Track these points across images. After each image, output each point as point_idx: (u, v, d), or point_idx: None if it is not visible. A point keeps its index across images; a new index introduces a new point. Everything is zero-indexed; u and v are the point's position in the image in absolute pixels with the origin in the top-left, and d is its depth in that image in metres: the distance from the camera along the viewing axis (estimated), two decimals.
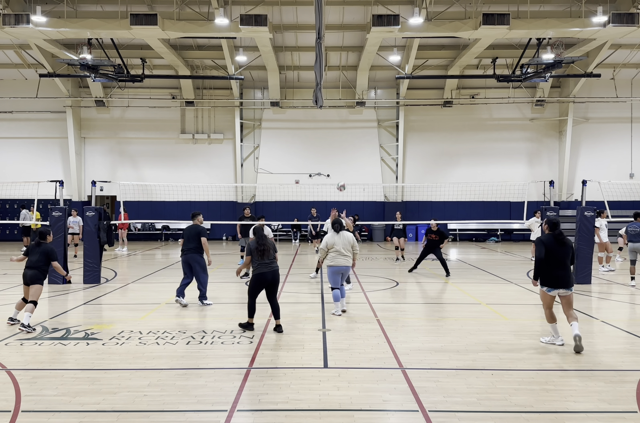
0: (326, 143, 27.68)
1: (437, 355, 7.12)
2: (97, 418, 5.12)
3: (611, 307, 10.64)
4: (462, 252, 22.27)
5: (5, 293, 11.94)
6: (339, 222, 9.85)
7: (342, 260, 9.67)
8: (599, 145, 27.57)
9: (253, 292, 8.47)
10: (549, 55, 20.40)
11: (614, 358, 7.01)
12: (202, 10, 21.18)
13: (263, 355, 7.10)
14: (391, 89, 27.79)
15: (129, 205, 23.68)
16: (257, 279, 8.36)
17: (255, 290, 8.46)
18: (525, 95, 27.25)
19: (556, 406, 5.41)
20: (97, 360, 6.92)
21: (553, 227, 7.62)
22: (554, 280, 7.45)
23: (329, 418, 5.11)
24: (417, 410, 5.31)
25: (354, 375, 6.31)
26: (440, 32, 20.22)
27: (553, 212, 13.34)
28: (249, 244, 8.53)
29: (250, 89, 27.88)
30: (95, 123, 27.88)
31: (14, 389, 5.84)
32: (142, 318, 9.34)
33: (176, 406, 5.39)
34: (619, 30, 19.43)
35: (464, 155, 27.74)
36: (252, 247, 8.42)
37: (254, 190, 27.69)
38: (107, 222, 13.74)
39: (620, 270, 16.24)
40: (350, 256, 9.76)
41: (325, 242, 9.75)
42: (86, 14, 21.51)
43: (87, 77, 22.50)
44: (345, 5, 22.34)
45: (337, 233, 9.77)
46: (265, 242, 8.39)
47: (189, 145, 27.94)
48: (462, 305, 10.51)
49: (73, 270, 14.76)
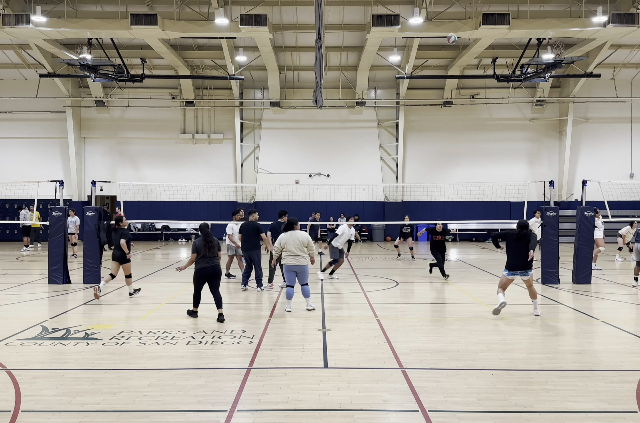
0: (326, 143, 27.68)
1: (437, 355, 7.11)
2: (97, 418, 5.11)
3: (611, 307, 10.63)
4: (462, 252, 22.27)
5: (5, 293, 11.94)
6: (291, 222, 9.97)
7: (293, 259, 9.72)
8: (599, 145, 27.58)
9: (197, 284, 9.21)
10: (549, 55, 20.40)
11: (614, 358, 7.00)
12: (202, 10, 21.19)
13: (263, 355, 7.10)
14: (391, 89, 27.79)
15: (129, 205, 23.67)
16: (199, 273, 9.08)
17: (198, 282, 9.18)
18: (525, 95, 27.26)
19: (556, 406, 5.41)
20: (97, 360, 6.92)
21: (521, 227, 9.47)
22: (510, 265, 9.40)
23: (329, 418, 5.11)
24: (417, 410, 5.31)
25: (354, 375, 6.31)
26: (440, 32, 20.20)
27: (553, 212, 13.33)
28: (194, 242, 9.16)
29: (250, 89, 27.88)
30: (95, 123, 27.89)
31: (14, 389, 5.84)
32: (142, 318, 9.34)
33: (176, 406, 5.39)
34: (619, 30, 19.43)
35: (464, 155, 27.74)
36: (198, 244, 9.06)
37: (254, 190, 27.69)
38: (107, 222, 13.73)
39: (620, 270, 16.24)
40: (303, 255, 9.77)
41: (279, 242, 9.86)
42: (86, 14, 21.52)
43: (87, 77, 22.50)
44: (345, 5, 22.35)
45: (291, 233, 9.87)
46: (211, 239, 9.10)
47: (189, 145, 27.94)
48: (462, 305, 10.51)
49: (73, 270, 14.76)
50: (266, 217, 26.83)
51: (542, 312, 9.75)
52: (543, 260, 13.40)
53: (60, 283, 12.98)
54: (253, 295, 11.84)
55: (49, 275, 13.16)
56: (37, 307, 10.50)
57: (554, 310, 10.28)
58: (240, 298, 11.55)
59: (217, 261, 9.17)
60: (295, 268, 9.77)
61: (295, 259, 9.72)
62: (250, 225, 12.25)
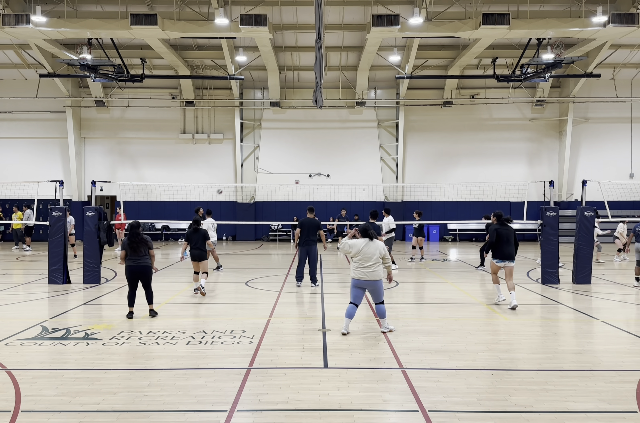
0: (326, 143, 27.68)
1: (437, 355, 7.12)
2: (97, 418, 5.12)
3: (611, 307, 10.63)
4: (462, 252, 22.27)
5: (5, 293, 11.94)
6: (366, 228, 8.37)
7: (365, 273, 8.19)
8: (599, 145, 27.57)
9: (128, 283, 9.43)
10: (549, 55, 20.39)
11: (614, 358, 7.01)
12: (202, 10, 21.19)
13: (263, 355, 7.10)
14: (391, 89, 27.79)
15: (129, 205, 23.69)
16: (127, 271, 9.37)
17: (129, 280, 9.41)
18: (525, 95, 27.25)
19: (556, 406, 5.41)
20: (97, 360, 6.92)
21: (499, 218, 10.52)
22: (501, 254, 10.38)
23: (329, 418, 5.11)
24: (417, 410, 5.31)
25: (354, 375, 6.31)
26: (440, 32, 20.22)
27: (553, 212, 13.34)
28: (123, 241, 9.47)
29: (250, 89, 27.88)
30: (95, 123, 27.88)
31: (14, 389, 5.84)
32: (142, 318, 9.34)
33: (176, 406, 5.39)
34: (619, 30, 19.43)
35: (463, 155, 27.74)
36: (125, 242, 9.35)
37: (254, 190, 27.69)
38: (106, 222, 13.73)
39: (619, 270, 16.24)
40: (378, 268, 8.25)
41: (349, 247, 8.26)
42: (86, 14, 21.51)
43: (87, 77, 22.49)
44: (345, 5, 22.34)
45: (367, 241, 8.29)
46: (136, 239, 9.31)
47: (189, 145, 27.94)
48: (462, 305, 10.51)
49: (73, 270, 14.76)
50: (266, 217, 27.02)
51: (541, 312, 9.76)
52: (543, 260, 13.40)
53: (60, 283, 12.98)
54: (253, 295, 11.85)
55: (49, 275, 13.16)
56: (37, 307, 10.50)
57: (554, 310, 10.29)
58: (241, 298, 11.56)
59: (145, 261, 9.33)
60: (366, 284, 8.19)
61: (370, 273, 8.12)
62: (311, 222, 12.66)
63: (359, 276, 8.14)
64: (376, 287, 8.21)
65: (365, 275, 8.11)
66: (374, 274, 8.13)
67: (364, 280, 8.14)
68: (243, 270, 15.87)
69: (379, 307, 8.31)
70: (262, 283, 13.29)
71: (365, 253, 8.11)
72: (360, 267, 8.12)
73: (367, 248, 8.13)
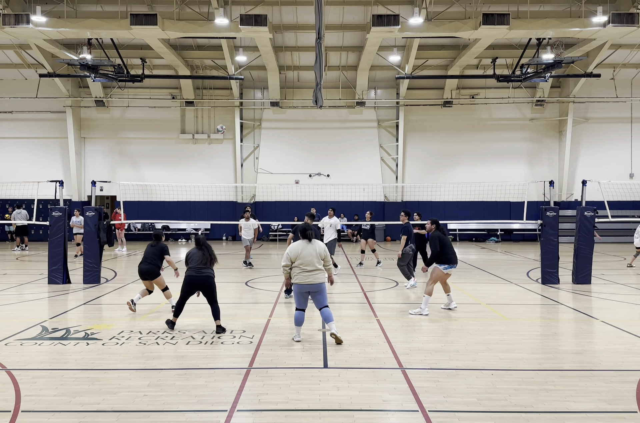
0: (326, 143, 27.68)
1: (437, 355, 7.11)
2: (97, 418, 5.11)
3: (611, 307, 10.63)
4: (462, 252, 22.26)
5: (5, 293, 11.94)
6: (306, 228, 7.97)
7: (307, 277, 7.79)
8: (599, 145, 27.58)
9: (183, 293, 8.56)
10: (549, 55, 20.39)
11: (614, 358, 7.00)
12: (202, 10, 21.19)
13: (263, 355, 7.10)
14: (391, 89, 27.79)
15: (129, 205, 23.68)
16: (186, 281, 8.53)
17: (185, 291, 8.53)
18: (525, 95, 27.26)
19: (556, 406, 5.41)
20: (97, 360, 6.92)
21: (437, 225, 10.14)
22: (450, 260, 9.76)
23: (329, 418, 5.11)
24: (417, 410, 5.31)
25: (354, 375, 6.30)
26: (440, 32, 20.23)
27: (553, 212, 13.33)
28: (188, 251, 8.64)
29: (250, 89, 27.88)
30: (95, 123, 27.89)
31: (14, 389, 5.84)
32: (142, 318, 9.33)
33: (176, 406, 5.39)
34: (619, 30, 19.43)
35: (463, 155, 27.75)
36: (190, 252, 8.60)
37: (254, 190, 27.69)
38: (106, 221, 13.73)
39: (618, 270, 16.23)
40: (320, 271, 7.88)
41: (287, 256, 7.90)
42: (86, 14, 21.52)
43: (87, 77, 22.50)
44: (345, 5, 22.35)
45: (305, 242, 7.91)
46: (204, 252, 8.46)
47: (189, 145, 27.95)
48: (462, 305, 10.51)
49: (73, 270, 14.76)
50: (266, 217, 27.00)
51: (541, 312, 9.76)
52: (543, 260, 13.40)
53: (60, 283, 12.98)
54: (253, 295, 11.84)
55: (49, 275, 13.16)
56: (37, 307, 10.50)
57: (554, 310, 10.29)
58: (241, 298, 11.56)
59: (209, 271, 8.44)
60: (309, 288, 7.78)
61: (312, 276, 7.75)
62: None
63: (302, 280, 7.70)
64: (320, 290, 7.78)
65: (308, 278, 7.69)
66: (317, 277, 7.73)
67: (307, 285, 7.71)
68: (243, 270, 15.87)
69: (325, 311, 7.78)
70: (262, 283, 13.29)
71: (305, 257, 7.70)
72: (303, 272, 7.70)
73: (306, 251, 7.73)
